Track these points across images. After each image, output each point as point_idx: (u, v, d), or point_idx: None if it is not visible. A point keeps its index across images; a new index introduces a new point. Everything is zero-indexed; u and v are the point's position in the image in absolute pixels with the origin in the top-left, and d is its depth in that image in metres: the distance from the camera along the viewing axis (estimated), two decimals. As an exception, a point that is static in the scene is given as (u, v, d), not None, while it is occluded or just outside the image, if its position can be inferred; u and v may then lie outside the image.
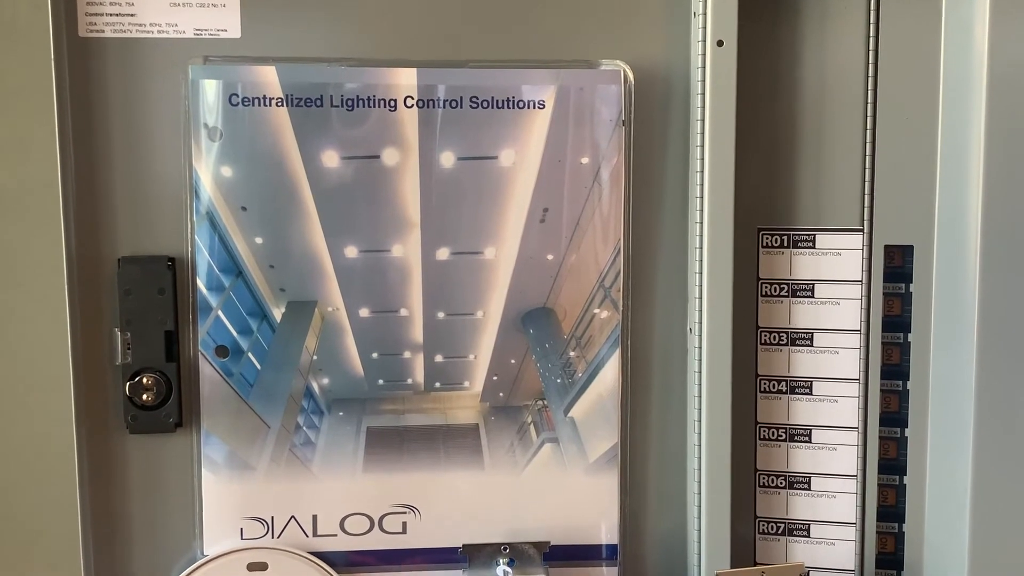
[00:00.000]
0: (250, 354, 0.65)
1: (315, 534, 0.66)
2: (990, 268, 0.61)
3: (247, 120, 0.63)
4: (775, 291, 0.66)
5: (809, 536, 0.67)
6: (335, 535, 0.66)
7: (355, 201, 0.64)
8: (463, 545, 0.66)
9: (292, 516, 0.66)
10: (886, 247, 0.65)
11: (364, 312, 0.65)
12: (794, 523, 0.67)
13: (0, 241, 0.63)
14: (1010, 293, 0.60)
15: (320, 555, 0.66)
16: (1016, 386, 0.61)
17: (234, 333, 0.65)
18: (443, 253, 0.65)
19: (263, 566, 0.65)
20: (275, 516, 0.66)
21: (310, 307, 0.65)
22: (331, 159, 0.64)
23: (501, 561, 0.66)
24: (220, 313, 0.65)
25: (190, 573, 0.64)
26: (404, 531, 0.67)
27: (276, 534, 0.66)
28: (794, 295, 0.66)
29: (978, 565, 0.62)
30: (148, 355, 0.64)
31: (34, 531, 0.65)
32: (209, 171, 0.63)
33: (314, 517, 0.66)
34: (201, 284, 0.64)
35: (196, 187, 0.63)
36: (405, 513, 0.67)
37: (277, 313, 0.65)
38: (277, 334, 0.65)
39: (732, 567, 0.64)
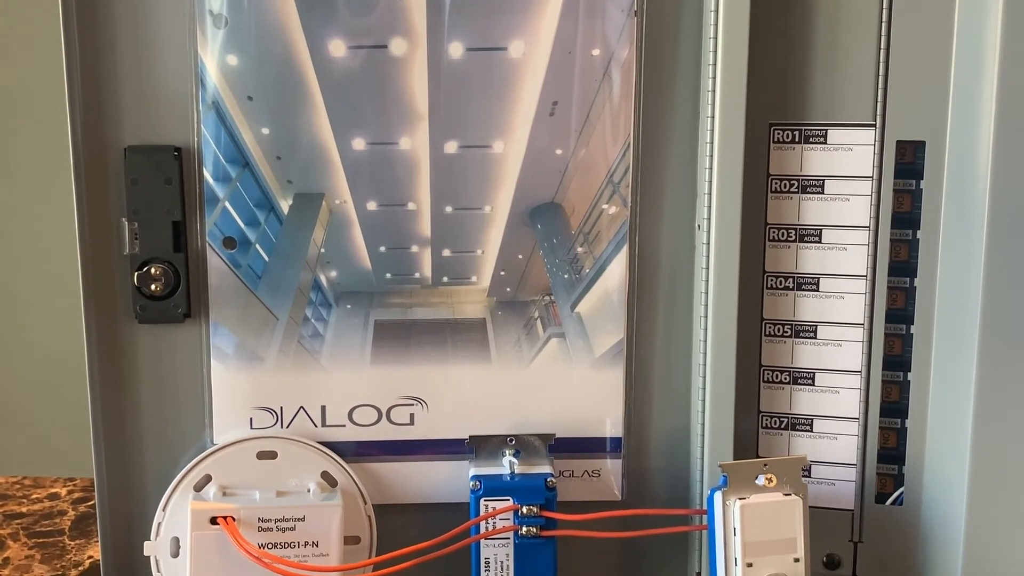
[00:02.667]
0: (258, 246, 0.66)
1: (323, 424, 0.68)
2: (1001, 165, 0.61)
3: (253, 7, 0.63)
4: (785, 187, 0.66)
5: (812, 430, 0.68)
6: (343, 426, 0.68)
7: (362, 92, 0.65)
8: (469, 436, 0.68)
9: (301, 407, 0.67)
10: (898, 143, 0.65)
11: (372, 205, 0.66)
12: (797, 417, 0.68)
13: (7, 132, 0.64)
14: (1021, 190, 0.61)
15: (329, 445, 0.67)
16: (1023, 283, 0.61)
17: (241, 225, 0.66)
18: (451, 146, 0.66)
19: (272, 455, 0.66)
20: (284, 406, 0.67)
21: (317, 199, 0.66)
22: (338, 48, 0.64)
23: (507, 452, 0.68)
24: (227, 204, 0.65)
25: (200, 461, 0.66)
26: (411, 423, 0.68)
27: (285, 424, 0.67)
28: (804, 191, 0.66)
29: (980, 459, 0.63)
30: (156, 245, 0.65)
31: (47, 422, 0.67)
32: (215, 60, 0.63)
33: (323, 408, 0.68)
34: (208, 175, 0.65)
35: (202, 76, 0.64)
36: (412, 405, 0.68)
37: (284, 205, 0.66)
38: (284, 226, 0.66)
39: (734, 460, 0.66)
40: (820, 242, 0.66)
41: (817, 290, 0.67)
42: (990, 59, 0.61)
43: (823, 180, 0.66)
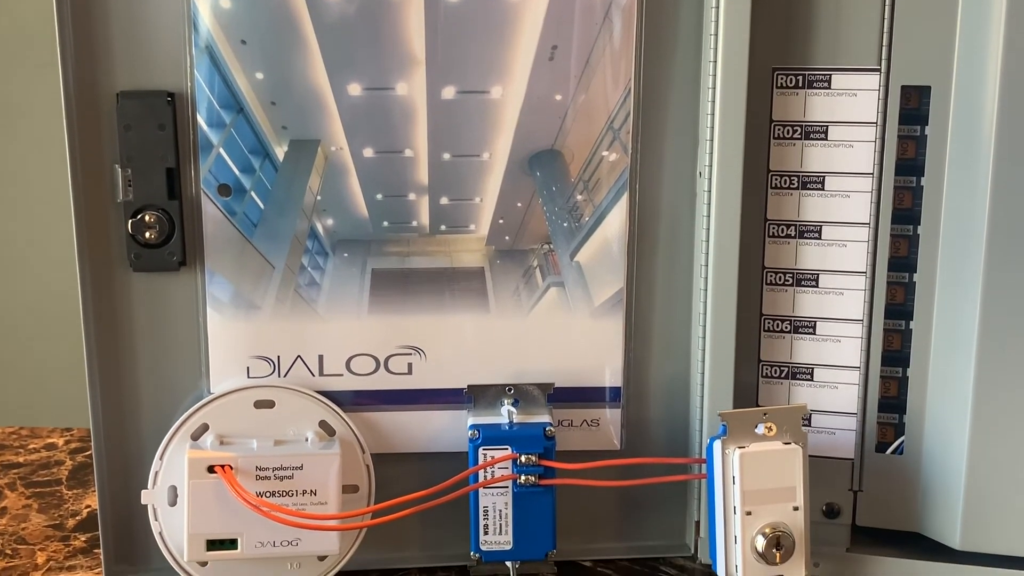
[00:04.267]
0: (253, 193, 0.66)
1: (321, 374, 0.68)
2: (1007, 110, 0.61)
3: (246, -51, 0.62)
4: (788, 133, 0.66)
5: (812, 380, 0.68)
6: (341, 375, 0.68)
7: (358, 36, 0.64)
8: (468, 386, 0.68)
9: (298, 356, 0.68)
10: (903, 88, 0.64)
11: (368, 152, 0.66)
12: (798, 367, 0.69)
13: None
14: (1027, 136, 0.61)
15: (326, 394, 0.68)
16: (1028, 231, 0.62)
17: (236, 171, 0.65)
18: (449, 92, 0.65)
19: (270, 404, 0.67)
20: (281, 355, 0.68)
21: (313, 146, 0.66)
22: (333, -9, 0.63)
23: (506, 402, 0.68)
24: (221, 150, 0.65)
25: (197, 410, 0.66)
26: (409, 372, 0.69)
27: (282, 373, 0.68)
28: (807, 137, 0.66)
29: (981, 407, 0.64)
30: (149, 192, 0.65)
31: (43, 372, 0.67)
32: (207, 2, 0.63)
33: (320, 357, 0.68)
34: (201, 120, 0.65)
35: (195, 19, 0.63)
36: (410, 355, 0.68)
37: (279, 152, 0.65)
38: (280, 173, 0.66)
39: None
40: (823, 189, 0.66)
41: (820, 238, 0.67)
42: (997, 2, 0.61)
43: (827, 126, 0.66)
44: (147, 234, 0.65)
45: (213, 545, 0.64)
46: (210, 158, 0.65)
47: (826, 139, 0.66)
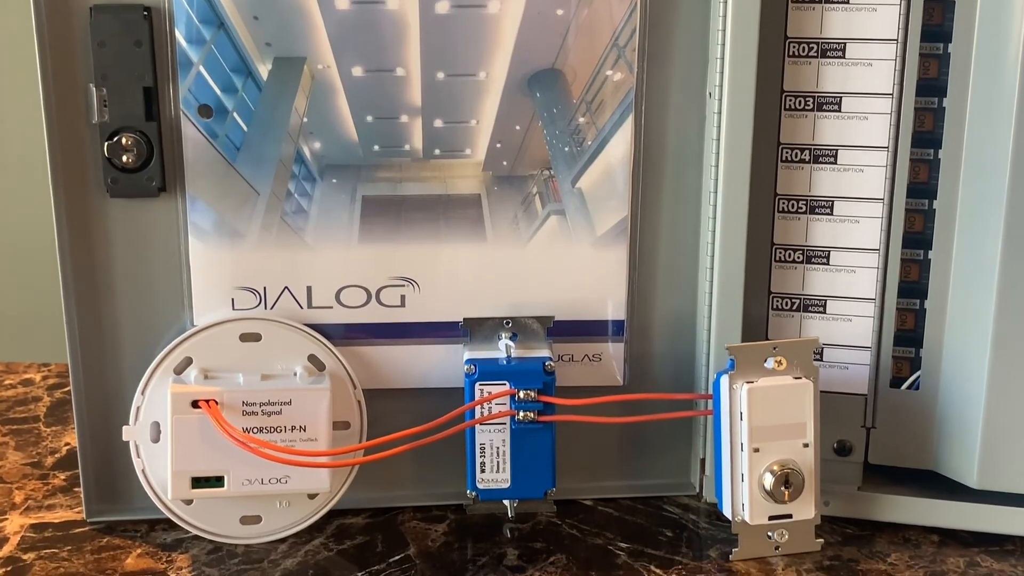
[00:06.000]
0: (235, 114, 0.64)
1: (310, 306, 0.67)
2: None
3: None
4: (803, 51, 0.64)
5: (825, 312, 0.67)
6: (331, 307, 0.67)
7: (346, -54, 0.62)
8: (464, 319, 0.67)
9: (285, 287, 0.66)
10: (925, 1, 0.62)
11: (357, 71, 0.64)
12: (810, 299, 0.67)
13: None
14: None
15: (315, 327, 0.66)
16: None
17: (217, 91, 0.64)
18: (442, 6, 0.63)
19: (256, 337, 0.65)
20: (267, 287, 0.66)
21: (299, 64, 0.64)
22: None
23: (503, 335, 0.67)
24: (202, 69, 0.63)
25: (180, 343, 0.65)
26: (403, 304, 0.67)
27: (269, 305, 0.66)
28: (824, 55, 0.64)
29: (1002, 341, 0.63)
30: (126, 113, 0.63)
31: (18, 305, 0.66)
32: (184, -92, 0.60)
33: (308, 288, 0.66)
34: (180, 36, 0.62)
35: (171, -74, 0.61)
36: (404, 286, 0.67)
37: (263, 70, 0.63)
38: (264, 93, 0.64)
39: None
40: (840, 111, 0.64)
41: (835, 163, 0.65)
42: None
43: (844, 43, 0.64)
44: (124, 158, 0.63)
45: (198, 483, 0.63)
46: (190, 77, 0.63)
47: (844, 57, 0.64)
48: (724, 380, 0.63)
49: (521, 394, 0.64)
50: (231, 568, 0.64)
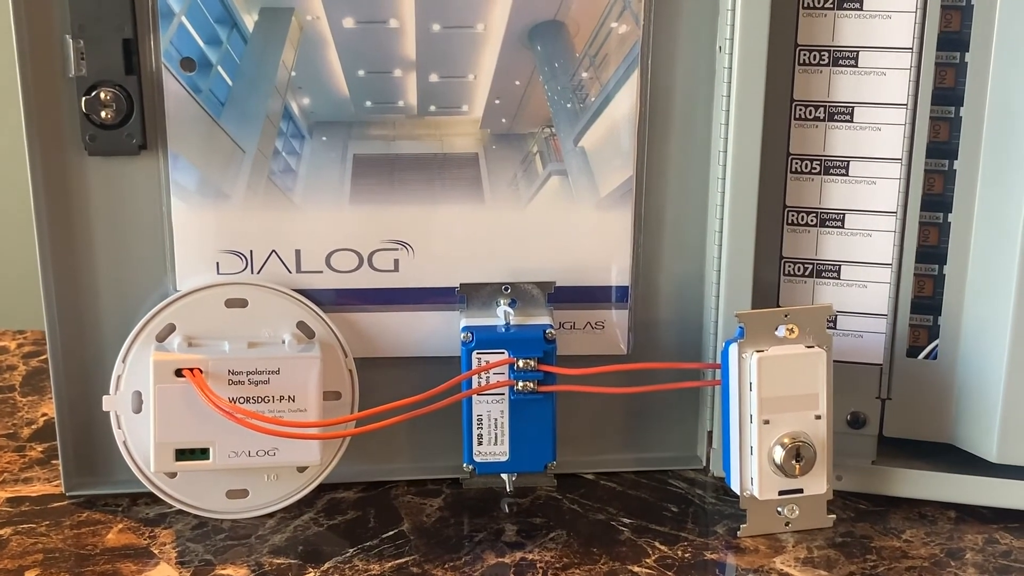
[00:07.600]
0: (220, 68, 0.63)
1: (299, 270, 0.66)
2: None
3: None
4: (818, 2, 0.62)
5: (839, 278, 0.66)
6: (320, 272, 0.66)
7: None
8: (460, 285, 0.66)
9: (273, 250, 0.65)
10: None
11: (348, 22, 0.63)
12: (824, 264, 0.66)
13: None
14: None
15: (304, 293, 0.65)
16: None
17: (201, 43, 0.62)
18: (439, -47, 0.62)
19: (243, 303, 0.64)
20: (254, 250, 0.65)
21: (286, 14, 0.62)
22: None
23: (502, 302, 0.66)
24: (184, 19, 0.62)
25: (163, 309, 0.64)
26: (396, 269, 0.66)
27: (256, 269, 0.65)
28: (840, 7, 0.62)
29: None
30: (105, 66, 0.61)
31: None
32: None
33: (297, 252, 0.65)
34: (161, -16, 0.61)
35: None
36: (397, 250, 0.66)
37: (249, 21, 0.62)
38: (250, 46, 0.62)
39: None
40: (856, 66, 0.63)
41: (851, 120, 0.64)
42: None
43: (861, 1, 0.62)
44: (103, 113, 0.62)
45: (182, 455, 0.62)
46: (171, 28, 0.62)
47: (861, 9, 0.62)
48: (733, 349, 0.62)
49: (520, 363, 0.63)
50: (216, 544, 0.63)
